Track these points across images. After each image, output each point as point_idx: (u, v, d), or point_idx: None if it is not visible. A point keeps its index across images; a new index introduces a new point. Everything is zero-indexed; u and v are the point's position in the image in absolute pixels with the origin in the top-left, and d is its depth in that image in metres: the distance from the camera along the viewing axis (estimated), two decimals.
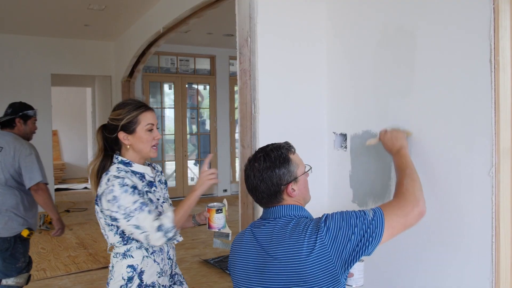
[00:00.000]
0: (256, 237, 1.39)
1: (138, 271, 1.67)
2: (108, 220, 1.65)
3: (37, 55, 6.89)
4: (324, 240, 1.24)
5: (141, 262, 1.68)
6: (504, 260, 1.43)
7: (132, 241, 1.67)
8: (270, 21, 2.05)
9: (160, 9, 5.10)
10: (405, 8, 1.73)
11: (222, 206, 1.75)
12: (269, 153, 1.38)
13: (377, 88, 1.88)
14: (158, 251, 1.73)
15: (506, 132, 1.42)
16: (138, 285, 1.67)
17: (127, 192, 1.59)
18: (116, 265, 1.69)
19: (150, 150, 1.72)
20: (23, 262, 2.87)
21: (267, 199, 1.39)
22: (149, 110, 1.73)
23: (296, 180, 1.39)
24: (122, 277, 1.66)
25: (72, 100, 10.59)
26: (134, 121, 1.69)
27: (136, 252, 1.68)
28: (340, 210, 1.33)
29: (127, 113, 1.69)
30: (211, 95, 8.22)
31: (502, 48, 1.41)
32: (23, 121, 2.96)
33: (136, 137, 1.70)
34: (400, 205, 1.35)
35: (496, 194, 1.42)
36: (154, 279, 1.70)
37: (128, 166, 1.71)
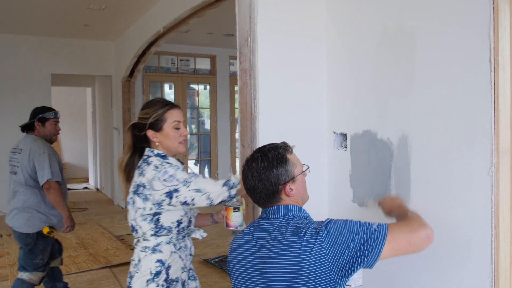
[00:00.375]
0: (254, 237, 1.39)
1: (166, 266, 1.74)
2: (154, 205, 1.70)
3: (37, 55, 6.89)
4: (323, 243, 1.24)
5: (169, 257, 1.76)
6: (504, 259, 1.43)
7: (163, 231, 1.74)
8: (270, 21, 2.05)
9: (160, 9, 5.10)
10: (405, 8, 1.74)
11: (240, 204, 1.78)
12: (267, 153, 1.39)
13: (377, 87, 1.88)
14: (183, 248, 1.81)
15: (505, 132, 1.42)
16: (165, 279, 1.74)
17: (179, 169, 1.74)
18: (144, 259, 1.74)
19: (178, 146, 1.81)
20: (40, 259, 3.00)
21: (265, 199, 1.39)
22: (175, 108, 1.82)
23: (294, 180, 1.39)
24: (150, 271, 1.73)
25: (72, 100, 10.60)
26: (161, 119, 1.78)
27: (165, 247, 1.75)
28: (345, 218, 1.32)
29: (154, 112, 1.78)
30: (212, 95, 8.23)
31: (502, 47, 1.41)
32: (41, 123, 3.13)
33: (164, 134, 1.79)
34: (406, 223, 1.32)
35: (496, 193, 1.42)
36: (178, 274, 1.79)
37: (164, 158, 1.78)
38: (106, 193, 8.39)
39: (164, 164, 1.72)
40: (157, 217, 1.73)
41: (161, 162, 1.74)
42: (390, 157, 1.82)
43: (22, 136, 3.26)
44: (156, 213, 1.73)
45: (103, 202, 7.87)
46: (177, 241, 1.79)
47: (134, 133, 1.84)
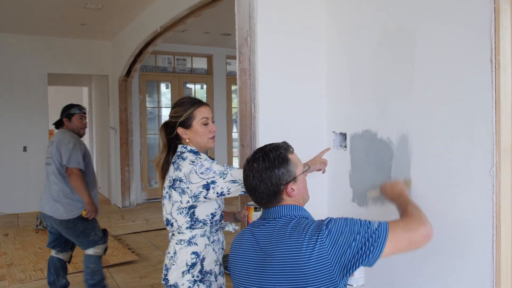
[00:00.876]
0: (255, 237, 1.39)
1: (201, 257, 1.81)
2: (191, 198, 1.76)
3: (33, 54, 6.85)
4: (324, 243, 1.24)
5: (204, 249, 1.81)
6: (505, 259, 1.43)
7: (198, 224, 1.80)
8: (270, 21, 2.04)
9: (157, 8, 5.08)
10: (405, 8, 1.73)
11: None
12: (268, 153, 1.38)
13: (377, 87, 1.88)
14: (216, 241, 1.87)
15: (506, 131, 1.42)
16: (200, 270, 1.80)
17: (214, 162, 1.82)
18: (179, 252, 1.81)
19: (208, 141, 1.88)
20: (95, 235, 3.32)
21: (266, 200, 1.39)
22: (204, 105, 1.88)
23: (295, 180, 1.39)
24: (186, 263, 1.79)
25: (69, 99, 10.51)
26: (190, 117, 1.84)
27: (200, 240, 1.81)
28: (345, 216, 1.32)
29: (184, 110, 1.85)
30: (208, 95, 8.21)
31: (503, 47, 1.41)
32: (67, 119, 3.40)
33: (193, 131, 1.85)
34: (406, 221, 1.32)
35: (497, 193, 1.42)
36: (212, 266, 1.84)
37: (197, 154, 1.85)
38: (103, 193, 8.36)
39: (199, 159, 1.79)
40: (192, 210, 1.80)
41: (195, 157, 1.81)
42: (390, 157, 1.82)
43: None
44: (192, 206, 1.80)
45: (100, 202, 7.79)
46: (211, 234, 1.84)
47: (167, 131, 1.91)
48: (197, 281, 1.79)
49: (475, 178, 1.49)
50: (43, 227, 5.77)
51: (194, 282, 1.79)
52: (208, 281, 1.83)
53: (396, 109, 1.79)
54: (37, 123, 6.94)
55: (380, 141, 1.87)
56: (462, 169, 1.53)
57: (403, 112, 1.76)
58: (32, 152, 6.95)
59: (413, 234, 1.28)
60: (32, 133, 6.92)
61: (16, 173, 6.85)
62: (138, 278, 4.03)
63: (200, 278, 1.80)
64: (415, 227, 1.29)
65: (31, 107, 6.88)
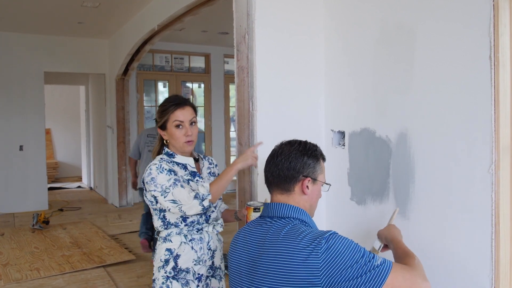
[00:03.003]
0: (251, 237, 1.37)
1: (174, 255, 1.79)
2: (153, 204, 1.80)
3: (30, 52, 6.82)
4: (319, 258, 1.17)
5: (178, 247, 1.79)
6: (504, 257, 1.43)
7: (171, 226, 1.80)
8: (268, 18, 2.03)
9: (154, 6, 5.06)
10: (404, 5, 1.73)
11: (261, 205, 1.74)
12: (306, 143, 1.41)
13: (376, 85, 1.87)
14: (198, 240, 1.82)
15: (505, 129, 1.42)
16: (173, 267, 1.79)
17: (162, 172, 1.75)
18: (158, 248, 1.84)
19: (183, 145, 1.82)
20: None
21: (280, 180, 1.35)
22: (180, 108, 1.82)
23: (314, 182, 1.38)
24: (161, 259, 1.81)
25: (66, 98, 10.51)
26: (166, 119, 1.83)
27: (175, 237, 1.80)
28: (349, 238, 1.23)
29: (160, 112, 1.85)
30: (206, 94, 8.19)
31: (502, 45, 1.41)
32: None
33: (169, 133, 1.84)
34: (411, 272, 1.22)
35: (496, 191, 1.42)
36: (190, 265, 1.80)
37: (171, 157, 1.85)
38: (99, 192, 8.33)
39: (153, 166, 1.77)
40: (163, 214, 1.81)
41: (159, 161, 1.80)
42: (389, 155, 1.81)
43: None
44: (161, 209, 1.81)
45: (97, 201, 7.82)
46: (189, 233, 1.81)
47: None
48: (170, 278, 1.78)
49: (474, 176, 1.49)
50: (39, 227, 5.74)
51: (167, 278, 1.79)
52: (184, 279, 1.79)
53: (395, 107, 1.78)
54: (34, 122, 6.91)
55: (378, 139, 1.86)
56: (461, 167, 1.53)
57: (401, 110, 1.75)
58: (29, 151, 6.92)
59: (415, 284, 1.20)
60: (28, 132, 6.89)
61: (12, 172, 6.81)
62: (136, 277, 4.01)
63: (173, 275, 1.78)
64: (418, 281, 1.21)
65: (27, 106, 6.84)
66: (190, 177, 1.84)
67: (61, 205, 7.41)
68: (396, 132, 1.77)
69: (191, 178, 1.84)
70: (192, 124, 1.84)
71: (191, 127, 1.83)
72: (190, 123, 1.83)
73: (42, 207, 7.00)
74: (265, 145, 2.02)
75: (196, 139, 1.86)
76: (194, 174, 1.86)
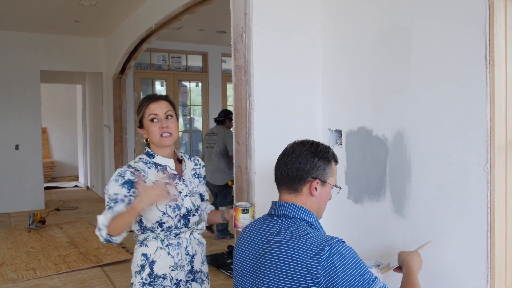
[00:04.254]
0: (256, 235, 1.37)
1: (150, 260, 1.73)
2: None
3: (26, 51, 6.79)
4: (320, 263, 1.16)
5: (154, 252, 1.74)
6: (499, 254, 1.44)
7: (147, 231, 1.74)
8: (265, 17, 2.04)
9: (152, 5, 5.05)
10: (401, 5, 1.74)
11: (249, 206, 1.73)
12: (318, 144, 1.38)
13: (373, 84, 1.88)
14: (175, 245, 1.76)
15: (501, 128, 1.43)
16: (149, 274, 1.73)
17: (117, 182, 1.68)
18: (135, 252, 1.79)
19: (160, 139, 1.75)
20: (230, 200, 4.89)
21: (288, 179, 1.34)
22: (154, 101, 1.77)
23: (324, 184, 1.35)
24: (137, 263, 1.76)
25: (62, 97, 10.48)
26: (141, 115, 1.78)
27: (151, 242, 1.75)
28: (355, 252, 1.20)
29: (137, 109, 1.81)
30: (203, 92, 8.19)
31: (497, 44, 1.42)
32: (228, 120, 5.02)
33: (146, 129, 1.78)
34: None
35: (491, 189, 1.43)
36: (166, 271, 1.74)
37: (151, 157, 1.79)
38: (96, 192, 8.32)
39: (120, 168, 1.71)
40: (139, 218, 1.74)
41: (129, 163, 1.76)
42: (385, 153, 1.82)
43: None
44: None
45: (94, 201, 7.80)
46: (166, 238, 1.75)
47: None
48: (146, 284, 1.72)
49: (470, 174, 1.50)
50: (35, 226, 5.72)
51: (143, 285, 1.72)
52: (160, 285, 1.73)
53: (392, 106, 1.79)
54: (30, 121, 6.88)
55: (375, 138, 1.87)
56: (457, 166, 1.54)
57: (398, 109, 1.76)
58: (25, 150, 6.90)
59: None
60: (24, 131, 6.86)
61: (8, 172, 6.79)
62: None
63: (149, 282, 1.72)
64: None
65: (23, 105, 6.81)
66: (168, 181, 1.75)
67: (57, 204, 7.39)
68: (392, 131, 1.78)
69: (169, 181, 1.75)
70: (168, 117, 1.76)
71: (167, 120, 1.75)
72: (166, 117, 1.76)
73: (38, 206, 6.97)
74: (262, 144, 2.03)
75: (176, 134, 1.77)
76: (174, 176, 1.78)
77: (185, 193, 1.79)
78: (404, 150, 1.73)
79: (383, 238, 1.84)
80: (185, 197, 1.79)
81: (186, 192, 1.80)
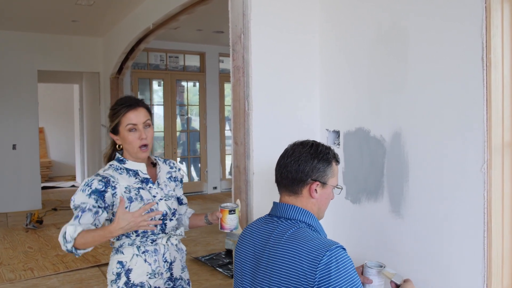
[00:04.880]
0: (256, 235, 1.37)
1: (126, 268, 1.66)
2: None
3: (23, 51, 6.77)
4: (316, 268, 1.16)
5: (130, 260, 1.67)
6: (496, 254, 1.45)
7: (123, 237, 1.68)
8: (264, 18, 2.04)
9: (149, 5, 5.05)
10: (399, 6, 1.74)
11: (236, 207, 1.72)
12: (318, 145, 1.37)
13: (371, 85, 1.89)
14: (152, 252, 1.69)
15: (497, 129, 1.44)
16: (125, 282, 1.66)
17: (84, 192, 1.60)
18: (110, 259, 1.73)
19: (137, 151, 1.68)
20: None
21: (288, 181, 1.34)
22: (132, 110, 1.68)
23: (324, 185, 1.35)
24: (113, 271, 1.69)
25: (59, 97, 10.45)
26: (117, 122, 1.68)
27: (127, 249, 1.68)
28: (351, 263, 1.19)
29: (112, 114, 1.70)
30: (201, 92, 8.19)
31: (494, 46, 1.43)
32: None
33: (121, 137, 1.70)
34: None
35: (488, 190, 1.44)
36: (144, 279, 1.67)
37: (121, 163, 1.73)
38: None
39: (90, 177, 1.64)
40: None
41: (99, 172, 1.68)
42: (383, 154, 1.83)
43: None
44: (111, 219, 1.68)
45: None
46: (142, 244, 1.68)
47: None
48: None
49: (467, 175, 1.51)
50: (33, 226, 5.72)
51: None
52: None
53: (389, 106, 1.80)
54: (27, 121, 6.87)
55: (373, 138, 1.88)
56: (454, 166, 1.55)
57: (396, 109, 1.77)
58: (22, 150, 6.88)
59: None
60: (21, 130, 6.84)
61: (5, 172, 6.77)
62: None
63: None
64: None
65: (20, 105, 6.80)
66: (141, 185, 1.70)
67: (54, 204, 7.38)
68: (390, 131, 1.79)
69: (141, 186, 1.70)
70: (146, 127, 1.69)
71: (145, 130, 1.68)
72: (144, 126, 1.69)
73: (36, 206, 6.96)
74: (260, 145, 2.03)
75: (152, 143, 1.71)
76: (147, 181, 1.72)
77: (160, 197, 1.74)
78: (401, 151, 1.74)
79: (381, 238, 1.85)
80: (160, 200, 1.73)
81: (161, 195, 1.74)
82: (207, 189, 8.23)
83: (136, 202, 1.67)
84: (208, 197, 7.89)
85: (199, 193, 8.14)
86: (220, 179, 8.36)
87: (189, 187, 8.08)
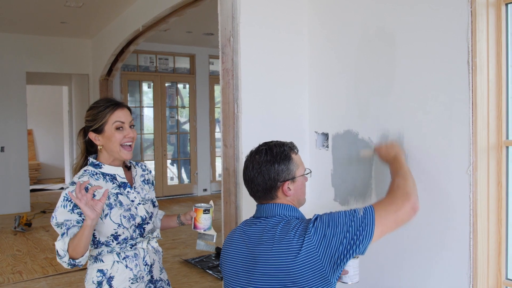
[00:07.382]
0: (246, 236, 1.39)
1: (108, 276, 1.64)
2: None
3: (12, 52, 6.69)
4: (312, 241, 1.24)
5: (111, 267, 1.65)
6: (481, 255, 1.47)
7: (102, 245, 1.65)
8: (253, 21, 2.05)
9: (139, 7, 5.03)
10: (386, 10, 1.77)
11: (210, 207, 1.74)
12: (272, 148, 1.39)
13: (359, 87, 1.91)
14: (132, 256, 1.68)
15: (483, 132, 1.47)
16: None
17: (65, 208, 1.57)
18: (89, 268, 1.69)
19: (120, 150, 1.66)
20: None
21: (261, 193, 1.39)
22: (119, 108, 1.68)
23: (293, 180, 1.39)
24: (93, 281, 1.65)
25: (48, 99, 10.35)
26: (103, 120, 1.66)
27: (106, 257, 1.65)
28: (329, 212, 1.33)
29: (97, 113, 1.67)
30: (191, 94, 8.17)
31: (479, 50, 1.45)
32: None
33: (105, 136, 1.66)
34: (390, 201, 1.33)
35: (474, 191, 1.47)
36: (126, 285, 1.66)
37: (97, 168, 1.69)
38: None
39: (67, 189, 1.58)
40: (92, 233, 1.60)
41: (74, 180, 1.62)
42: (371, 156, 1.85)
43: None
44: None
45: None
46: (122, 250, 1.66)
47: (84, 137, 1.74)
48: None
49: (452, 177, 1.53)
50: (21, 229, 5.65)
51: None
52: None
53: (377, 109, 1.82)
54: (15, 123, 6.79)
55: (361, 140, 1.90)
56: (440, 168, 1.57)
57: (383, 112, 1.79)
58: (10, 152, 6.80)
59: (399, 213, 1.30)
60: (10, 133, 6.76)
61: None
62: None
63: None
64: (399, 206, 1.31)
65: (9, 106, 6.72)
66: (119, 190, 1.68)
67: (43, 207, 7.30)
68: (378, 133, 1.81)
69: (119, 190, 1.68)
70: (132, 126, 1.70)
71: (131, 129, 1.69)
72: (130, 126, 1.69)
73: (24, 209, 6.88)
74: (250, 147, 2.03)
75: (133, 145, 1.71)
76: (125, 185, 1.70)
77: (138, 201, 1.72)
78: None
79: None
80: (139, 205, 1.71)
81: (139, 200, 1.72)
82: (197, 191, 8.20)
83: (116, 208, 1.64)
84: (198, 199, 7.87)
85: (189, 195, 8.11)
86: (210, 181, 8.35)
87: (179, 189, 8.05)
